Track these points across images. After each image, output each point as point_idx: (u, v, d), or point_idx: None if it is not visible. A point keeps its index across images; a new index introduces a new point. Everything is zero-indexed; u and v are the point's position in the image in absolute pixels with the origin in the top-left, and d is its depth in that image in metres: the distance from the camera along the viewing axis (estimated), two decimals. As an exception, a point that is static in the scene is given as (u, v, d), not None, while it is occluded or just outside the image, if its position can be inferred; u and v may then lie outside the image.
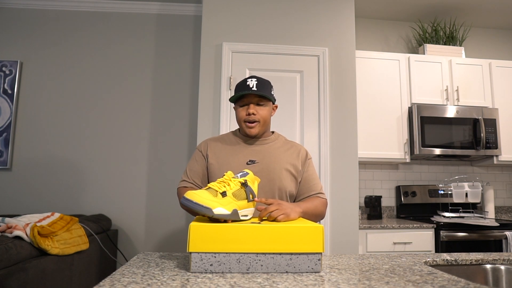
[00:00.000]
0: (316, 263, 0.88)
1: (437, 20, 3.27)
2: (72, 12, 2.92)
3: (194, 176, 1.41)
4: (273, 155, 1.40)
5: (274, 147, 1.43)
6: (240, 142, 1.43)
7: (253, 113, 1.34)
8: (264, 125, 1.40)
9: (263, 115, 1.37)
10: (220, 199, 0.94)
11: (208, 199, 0.92)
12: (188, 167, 1.44)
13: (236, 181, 1.01)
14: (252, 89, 1.32)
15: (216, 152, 1.42)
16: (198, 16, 2.95)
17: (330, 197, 2.35)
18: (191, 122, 2.87)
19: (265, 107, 1.38)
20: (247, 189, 1.00)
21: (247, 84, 1.34)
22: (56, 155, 2.75)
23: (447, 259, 1.13)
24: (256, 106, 1.36)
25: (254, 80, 1.35)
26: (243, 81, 1.37)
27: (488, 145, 2.76)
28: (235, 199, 0.97)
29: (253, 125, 1.36)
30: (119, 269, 0.90)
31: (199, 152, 1.45)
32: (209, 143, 1.46)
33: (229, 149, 1.41)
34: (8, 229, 1.53)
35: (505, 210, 3.17)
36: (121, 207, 2.74)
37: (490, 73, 2.92)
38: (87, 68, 2.87)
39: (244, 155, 1.39)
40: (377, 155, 2.72)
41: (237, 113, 1.40)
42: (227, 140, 1.46)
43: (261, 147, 1.42)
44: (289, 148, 1.45)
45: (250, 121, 1.36)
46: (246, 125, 1.37)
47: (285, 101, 2.41)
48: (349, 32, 2.54)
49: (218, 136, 1.52)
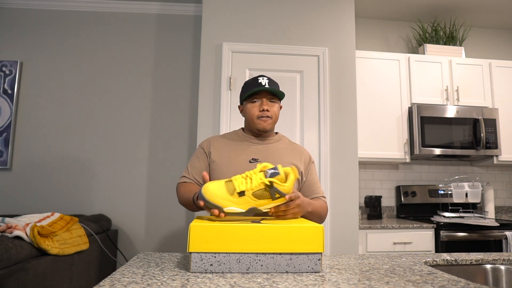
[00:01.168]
0: (316, 263, 0.88)
1: (437, 20, 3.27)
2: (72, 12, 2.92)
3: (194, 173, 1.41)
4: (276, 155, 1.40)
5: (278, 147, 1.44)
6: (243, 140, 1.44)
7: (267, 109, 1.36)
8: (275, 122, 1.42)
9: (275, 112, 1.40)
10: (235, 198, 0.92)
11: (220, 197, 0.91)
12: (190, 164, 1.44)
13: (260, 181, 0.95)
14: (266, 86, 1.35)
15: (219, 149, 1.42)
16: (198, 16, 2.95)
17: (330, 197, 2.35)
18: (191, 122, 2.87)
19: (276, 104, 1.41)
20: (271, 190, 0.96)
21: (259, 81, 1.37)
22: (56, 155, 2.75)
23: (447, 259, 1.13)
24: (268, 102, 1.38)
25: (266, 78, 1.39)
26: (254, 79, 1.39)
27: (488, 145, 2.76)
28: (255, 199, 0.94)
29: (266, 119, 1.38)
30: (119, 269, 0.90)
31: (201, 149, 1.45)
32: (212, 140, 1.46)
33: (232, 147, 1.42)
34: (8, 229, 1.53)
35: (505, 210, 3.17)
36: (121, 207, 2.74)
37: (490, 73, 2.92)
38: (87, 68, 2.87)
39: (247, 153, 1.39)
40: (377, 155, 2.72)
41: (248, 110, 1.40)
42: (230, 138, 1.46)
43: (264, 146, 1.43)
44: (292, 150, 1.46)
45: (263, 116, 1.37)
46: (259, 120, 1.38)
47: (285, 101, 2.41)
48: (349, 32, 2.54)
49: (221, 134, 1.53)
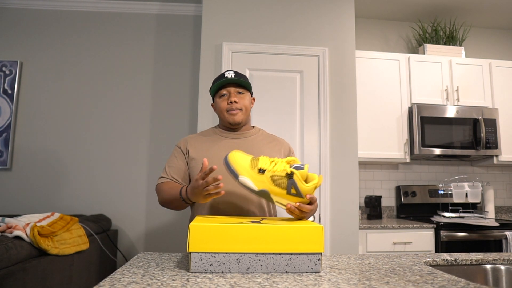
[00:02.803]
0: (316, 263, 0.88)
1: (437, 20, 3.27)
2: (72, 12, 2.92)
3: (173, 172, 1.38)
4: (255, 148, 1.39)
5: (256, 140, 1.43)
6: (221, 136, 1.42)
7: (235, 101, 1.35)
8: (246, 113, 1.40)
9: (245, 104, 1.38)
10: (255, 173, 0.92)
11: (241, 166, 0.90)
12: (167, 164, 1.42)
13: (283, 168, 0.95)
14: (231, 78, 1.35)
15: (196, 147, 1.40)
16: (198, 16, 2.95)
17: (330, 197, 2.35)
18: (191, 122, 2.87)
19: (245, 96, 1.39)
20: (289, 181, 0.95)
21: (225, 75, 1.36)
22: (56, 155, 2.75)
23: (447, 259, 1.13)
24: (237, 95, 1.37)
25: (232, 72, 1.38)
26: (221, 74, 1.40)
27: (488, 145, 2.76)
28: (272, 182, 0.93)
29: (236, 112, 1.36)
30: (119, 269, 0.90)
31: (178, 148, 1.43)
32: (188, 139, 1.45)
33: (209, 142, 1.40)
34: (8, 229, 1.53)
35: (505, 210, 3.17)
36: (121, 207, 2.74)
37: (490, 73, 2.92)
38: (87, 68, 2.87)
39: (226, 147, 1.37)
40: (377, 155, 2.72)
41: (217, 105, 1.39)
42: (207, 135, 1.45)
43: (242, 140, 1.41)
44: (271, 141, 1.45)
45: (233, 109, 1.36)
46: (229, 113, 1.37)
47: (285, 101, 2.41)
48: (349, 32, 2.54)
49: (198, 133, 1.51)
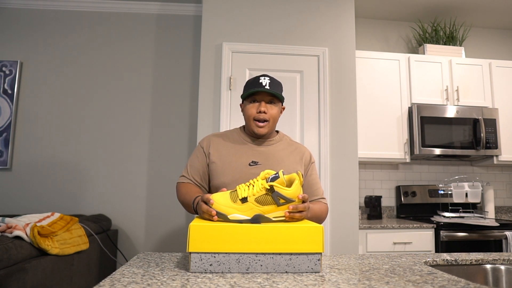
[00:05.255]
0: (316, 263, 0.88)
1: (437, 20, 3.27)
2: (72, 12, 2.92)
3: (194, 173, 1.39)
4: (276, 158, 1.37)
5: (278, 148, 1.41)
6: (245, 142, 1.40)
7: (264, 111, 1.32)
8: (273, 125, 1.37)
9: (273, 115, 1.35)
10: (239, 205, 0.94)
11: (224, 205, 0.94)
12: (189, 163, 1.41)
13: (261, 186, 0.96)
14: (265, 87, 1.30)
15: (219, 150, 1.38)
16: (198, 16, 2.95)
17: (330, 197, 2.35)
18: (191, 122, 2.87)
19: (276, 107, 1.36)
20: (273, 194, 0.95)
21: (260, 81, 1.32)
22: (56, 155, 2.75)
23: (447, 259, 1.13)
24: (267, 104, 1.34)
25: (267, 78, 1.33)
26: (256, 78, 1.35)
27: (488, 145, 2.75)
28: (258, 205, 0.95)
29: (263, 124, 1.34)
30: (119, 269, 0.90)
31: (200, 148, 1.42)
32: (212, 139, 1.42)
33: (233, 148, 1.38)
34: (8, 229, 1.53)
35: (505, 210, 3.17)
36: (121, 207, 2.74)
37: (490, 73, 2.92)
38: (87, 68, 2.87)
39: (247, 156, 1.36)
40: (377, 155, 2.72)
41: (246, 110, 1.36)
42: (231, 138, 1.42)
43: (265, 148, 1.39)
44: (293, 151, 1.43)
45: (261, 119, 1.33)
46: (255, 124, 1.34)
47: (285, 101, 2.39)
48: (349, 32, 2.54)
49: (222, 132, 1.48)
